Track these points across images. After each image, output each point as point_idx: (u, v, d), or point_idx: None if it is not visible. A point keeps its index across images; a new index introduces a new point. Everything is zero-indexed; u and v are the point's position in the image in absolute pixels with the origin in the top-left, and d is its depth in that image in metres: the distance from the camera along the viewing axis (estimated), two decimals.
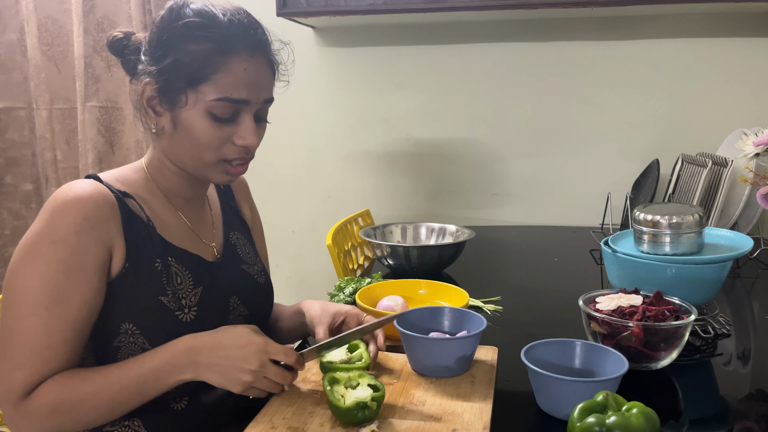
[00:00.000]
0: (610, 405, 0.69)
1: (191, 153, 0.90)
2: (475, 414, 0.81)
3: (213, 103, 0.86)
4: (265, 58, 0.91)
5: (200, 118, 0.87)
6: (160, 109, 0.89)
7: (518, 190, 2.12)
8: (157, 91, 0.88)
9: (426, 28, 2.08)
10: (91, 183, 0.86)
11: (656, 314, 0.93)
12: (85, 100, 2.18)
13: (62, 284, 0.81)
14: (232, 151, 0.90)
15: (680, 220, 1.08)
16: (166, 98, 0.88)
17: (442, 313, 1.04)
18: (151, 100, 0.89)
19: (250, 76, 0.87)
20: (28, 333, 0.80)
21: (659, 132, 2.00)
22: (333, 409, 0.79)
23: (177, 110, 0.87)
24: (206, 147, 0.88)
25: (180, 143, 0.90)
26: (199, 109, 0.86)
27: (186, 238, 0.96)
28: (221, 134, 0.88)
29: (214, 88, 0.85)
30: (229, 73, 0.86)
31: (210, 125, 0.87)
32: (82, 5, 2.13)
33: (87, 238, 0.82)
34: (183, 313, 0.89)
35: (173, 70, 0.86)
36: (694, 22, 1.92)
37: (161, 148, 0.94)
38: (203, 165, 0.91)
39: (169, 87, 0.86)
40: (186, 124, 0.87)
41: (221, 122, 0.87)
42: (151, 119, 0.90)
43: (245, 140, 0.89)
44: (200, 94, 0.86)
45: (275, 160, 2.24)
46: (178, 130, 0.89)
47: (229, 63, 0.86)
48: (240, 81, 0.86)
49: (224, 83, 0.85)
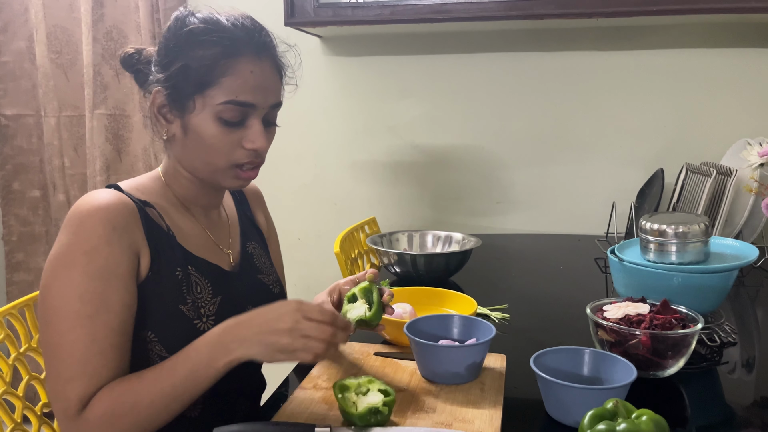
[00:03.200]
0: (620, 412, 0.70)
1: (202, 158, 0.91)
2: (485, 421, 0.82)
3: (221, 107, 0.87)
4: (271, 60, 0.93)
5: (209, 122, 0.88)
6: (171, 116, 0.91)
7: (523, 198, 2.13)
8: (166, 98, 0.90)
9: (432, 38, 2.10)
10: (113, 192, 0.87)
11: (663, 323, 0.94)
12: (93, 108, 2.19)
13: (101, 292, 0.81)
14: (242, 155, 0.91)
15: (686, 230, 1.09)
16: (175, 105, 0.89)
17: (451, 321, 1.05)
18: (161, 108, 0.91)
19: (257, 78, 0.89)
20: (76, 345, 0.80)
21: (663, 141, 2.01)
22: (345, 416, 0.80)
23: (187, 116, 0.89)
24: (217, 152, 0.90)
25: (191, 149, 0.91)
26: (207, 113, 0.88)
27: (204, 246, 0.97)
28: (231, 138, 0.89)
29: (221, 92, 0.87)
30: (236, 76, 0.87)
31: (219, 129, 0.88)
32: (91, 14, 2.15)
33: (118, 246, 0.83)
34: (201, 322, 0.90)
35: (181, 75, 0.87)
36: (699, 32, 1.94)
37: (174, 155, 0.95)
38: (215, 170, 0.92)
39: (178, 93, 0.88)
40: (196, 129, 0.89)
41: (230, 126, 0.89)
42: (162, 127, 0.92)
43: (254, 144, 0.90)
44: (208, 99, 0.87)
45: (282, 167, 2.26)
46: (188, 137, 0.90)
47: (235, 66, 0.87)
48: (247, 84, 0.88)
49: (231, 86, 0.87)
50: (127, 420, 0.80)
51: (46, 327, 0.82)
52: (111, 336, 0.82)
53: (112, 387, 0.81)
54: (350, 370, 0.99)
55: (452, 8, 1.78)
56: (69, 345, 0.80)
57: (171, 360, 0.82)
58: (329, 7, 1.85)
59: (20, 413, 0.99)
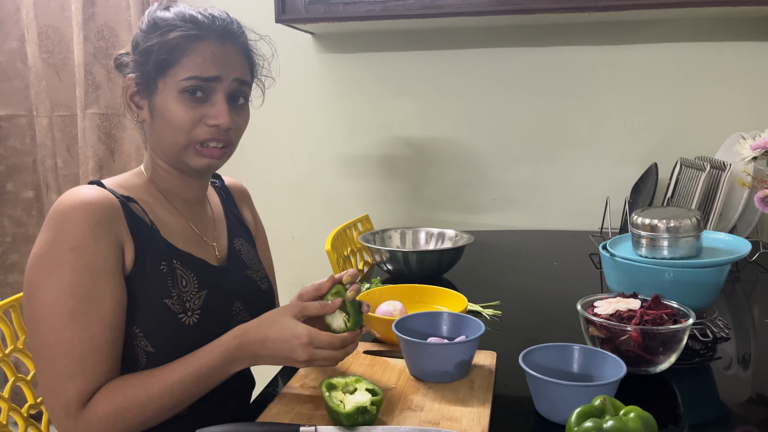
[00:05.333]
0: (607, 409, 0.69)
1: (167, 139, 0.91)
2: (473, 419, 0.81)
3: (182, 83, 0.88)
4: (236, 46, 0.94)
5: (172, 100, 0.89)
6: (140, 101, 0.93)
7: (517, 194, 2.12)
8: (136, 84, 0.92)
9: (424, 34, 2.09)
10: (95, 188, 0.87)
11: (654, 318, 0.93)
12: (85, 108, 2.18)
13: (93, 288, 0.81)
14: (204, 131, 0.91)
15: (678, 224, 1.08)
16: (143, 89, 0.92)
17: (440, 318, 1.04)
18: (133, 96, 0.94)
19: (218, 57, 0.90)
20: (72, 342, 0.80)
21: (658, 136, 2.00)
22: (332, 415, 0.79)
23: (152, 98, 0.91)
24: (179, 129, 0.90)
25: (158, 131, 0.92)
26: (170, 91, 0.89)
27: (189, 240, 0.97)
28: (193, 115, 0.90)
29: (182, 69, 0.89)
30: (197, 54, 0.89)
31: (181, 106, 0.89)
32: (83, 13, 2.14)
33: (104, 241, 0.83)
34: (186, 316, 0.89)
35: (145, 59, 0.90)
36: (692, 26, 1.93)
37: (149, 144, 0.96)
38: (179, 150, 0.92)
39: (145, 77, 0.91)
40: (160, 109, 0.90)
41: (193, 103, 0.89)
42: (134, 113, 0.94)
43: (216, 119, 0.90)
44: (169, 78, 0.89)
45: (275, 166, 2.25)
46: (155, 118, 0.92)
47: (197, 47, 0.89)
48: (208, 61, 0.89)
49: (193, 64, 0.89)
50: (132, 421, 0.81)
51: (37, 326, 0.81)
52: (105, 332, 0.82)
53: (115, 389, 0.81)
54: (338, 368, 0.98)
55: (443, 4, 1.77)
56: (65, 343, 0.79)
57: (179, 364, 0.84)
58: (320, 4, 1.84)
59: (6, 415, 0.99)
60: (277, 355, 0.85)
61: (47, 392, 0.81)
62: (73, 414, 0.80)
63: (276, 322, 0.85)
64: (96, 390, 0.81)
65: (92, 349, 0.80)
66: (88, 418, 0.79)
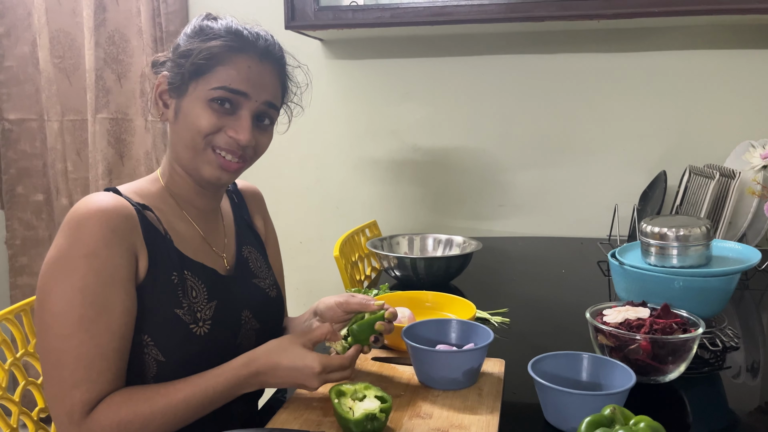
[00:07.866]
0: (617, 419, 0.69)
1: (185, 142, 0.92)
2: (482, 427, 0.81)
3: (212, 92, 0.89)
4: (273, 66, 0.95)
5: (199, 105, 0.90)
6: (169, 100, 0.94)
7: (525, 201, 2.12)
8: (168, 83, 0.93)
9: (433, 41, 2.09)
10: (111, 195, 0.87)
11: (664, 327, 0.93)
12: (95, 112, 2.20)
13: (102, 296, 0.81)
14: (222, 139, 0.91)
15: (687, 233, 1.08)
16: (174, 90, 0.92)
17: (449, 326, 1.04)
18: (162, 94, 0.94)
19: (253, 74, 0.91)
20: (80, 349, 0.80)
21: (666, 143, 1.99)
22: (341, 421, 0.79)
23: (181, 100, 0.92)
24: (198, 133, 0.90)
25: (178, 133, 0.93)
26: (198, 97, 0.90)
27: (200, 250, 0.97)
28: (216, 123, 0.90)
29: (215, 78, 0.90)
30: (233, 67, 0.90)
31: (206, 112, 0.90)
32: (94, 19, 2.15)
33: (117, 250, 0.83)
34: (197, 326, 0.90)
35: (183, 61, 0.91)
36: (701, 34, 1.93)
37: (169, 147, 0.97)
38: (195, 153, 0.92)
39: (178, 78, 0.91)
40: (186, 111, 0.91)
41: (219, 113, 0.90)
42: (159, 110, 0.95)
43: (237, 134, 0.91)
44: (201, 83, 0.90)
45: (284, 171, 2.26)
46: (178, 119, 0.92)
47: (235, 59, 0.90)
48: (242, 75, 0.90)
49: (226, 75, 0.90)
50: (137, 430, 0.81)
51: (46, 332, 0.81)
52: (113, 340, 0.82)
53: (120, 402, 0.81)
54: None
55: (452, 10, 1.78)
56: (73, 349, 0.80)
57: (187, 385, 0.84)
58: (329, 10, 1.85)
59: (16, 418, 0.99)
60: (287, 381, 0.86)
61: (52, 398, 0.82)
62: (76, 421, 0.80)
63: (287, 350, 0.86)
64: (101, 398, 0.81)
65: (99, 357, 0.80)
66: (91, 428, 0.79)
